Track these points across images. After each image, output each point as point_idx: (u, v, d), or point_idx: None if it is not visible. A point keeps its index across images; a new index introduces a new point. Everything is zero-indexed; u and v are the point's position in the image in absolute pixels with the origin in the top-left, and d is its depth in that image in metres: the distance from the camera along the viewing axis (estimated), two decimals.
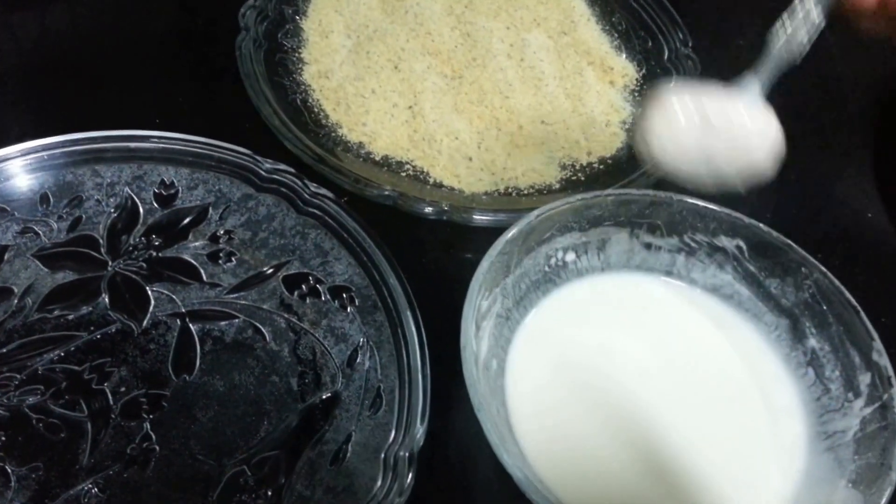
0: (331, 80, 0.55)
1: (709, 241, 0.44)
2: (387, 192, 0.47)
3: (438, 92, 0.55)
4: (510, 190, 0.51)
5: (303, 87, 0.55)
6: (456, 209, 0.48)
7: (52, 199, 0.47)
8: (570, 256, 0.44)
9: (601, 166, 0.54)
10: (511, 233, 0.40)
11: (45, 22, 0.60)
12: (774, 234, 0.42)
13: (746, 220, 0.43)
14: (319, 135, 0.52)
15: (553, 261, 0.44)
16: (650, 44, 0.61)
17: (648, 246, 0.45)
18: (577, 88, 0.58)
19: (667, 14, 0.62)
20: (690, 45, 0.60)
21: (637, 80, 0.60)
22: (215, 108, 0.54)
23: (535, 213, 0.41)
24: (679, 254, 0.45)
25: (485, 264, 0.38)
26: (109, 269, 0.45)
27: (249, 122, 0.52)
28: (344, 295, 0.45)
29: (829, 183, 0.58)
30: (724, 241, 0.43)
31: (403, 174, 0.51)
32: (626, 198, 0.43)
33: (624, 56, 0.61)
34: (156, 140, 0.49)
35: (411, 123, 0.53)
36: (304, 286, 0.45)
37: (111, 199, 0.48)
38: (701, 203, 0.43)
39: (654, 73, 0.60)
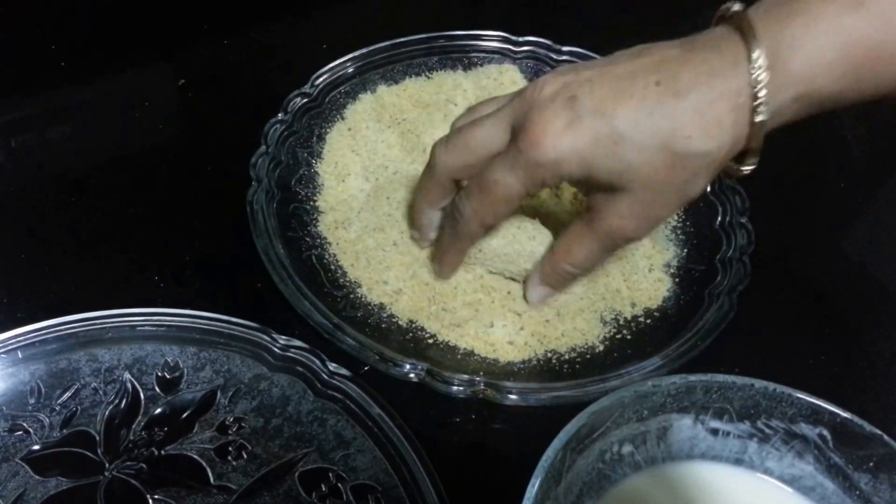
0: (348, 232, 0.51)
1: (786, 427, 0.38)
2: (412, 375, 0.43)
3: None
4: (549, 354, 0.46)
5: (318, 240, 0.51)
6: (491, 386, 0.43)
7: (43, 391, 0.42)
8: (627, 448, 0.39)
9: (647, 320, 0.49)
10: (561, 439, 0.35)
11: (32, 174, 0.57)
12: (862, 422, 0.37)
13: (830, 406, 0.37)
14: (337, 298, 0.48)
15: (608, 455, 0.38)
16: None
17: (715, 432, 0.39)
18: None
19: None
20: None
21: (679, 215, 0.55)
22: (224, 272, 0.50)
23: (588, 411, 0.36)
24: (751, 440, 0.39)
25: (535, 484, 0.33)
26: (106, 473, 0.40)
27: (261, 282, 0.48)
28: (369, 496, 0.40)
29: None
30: (805, 429, 0.38)
31: (430, 340, 0.46)
32: (690, 384, 0.38)
33: None
34: (159, 317, 0.44)
35: (438, 282, 0.49)
36: (323, 485, 0.40)
37: (109, 387, 0.43)
38: (777, 387, 0.38)
39: (696, 206, 0.55)
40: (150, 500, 0.39)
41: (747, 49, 0.37)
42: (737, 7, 0.39)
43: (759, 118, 0.38)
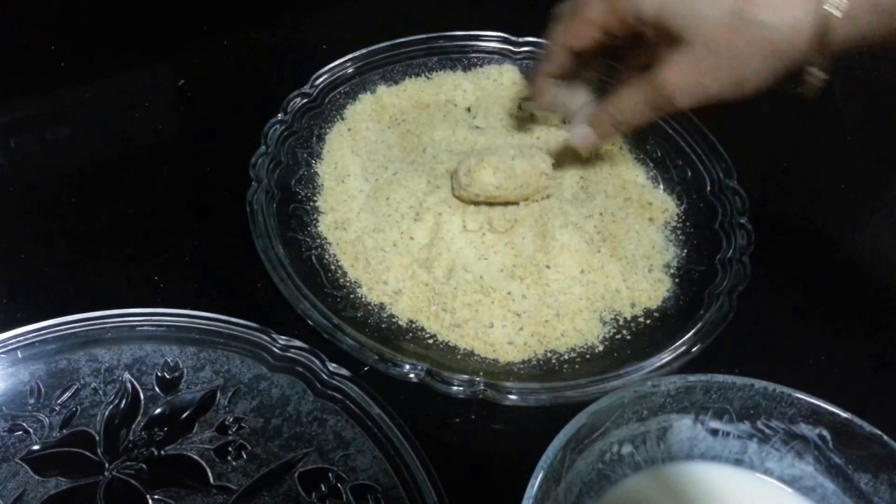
0: (348, 232, 0.51)
1: (786, 427, 0.38)
2: (412, 376, 0.43)
3: (466, 244, 0.50)
4: (549, 354, 0.46)
5: (318, 240, 0.51)
6: (490, 386, 0.43)
7: (43, 391, 0.42)
8: (627, 449, 0.39)
9: (647, 321, 0.49)
10: (560, 439, 0.35)
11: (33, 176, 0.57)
12: (862, 423, 0.37)
13: (830, 406, 0.37)
14: (337, 298, 0.48)
15: (608, 456, 0.38)
16: (689, 174, 0.57)
17: (715, 432, 0.39)
18: (613, 227, 0.53)
19: (705, 141, 0.58)
20: (735, 176, 0.55)
21: (678, 215, 0.55)
22: (223, 272, 0.50)
23: (588, 411, 0.36)
24: (751, 440, 0.39)
25: (534, 484, 0.33)
26: (106, 473, 0.40)
27: (261, 282, 0.48)
28: (368, 496, 0.40)
29: None
30: (805, 429, 0.38)
31: (430, 340, 0.46)
32: (689, 384, 0.38)
33: (662, 188, 0.57)
34: (158, 318, 0.44)
35: (437, 282, 0.48)
36: (323, 485, 0.40)
37: (109, 387, 0.43)
38: (777, 388, 0.38)
39: (696, 207, 0.55)
40: (150, 500, 0.39)
41: None
42: None
43: (829, 8, 0.40)
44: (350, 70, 0.61)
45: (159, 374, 0.44)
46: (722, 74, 0.44)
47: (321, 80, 0.59)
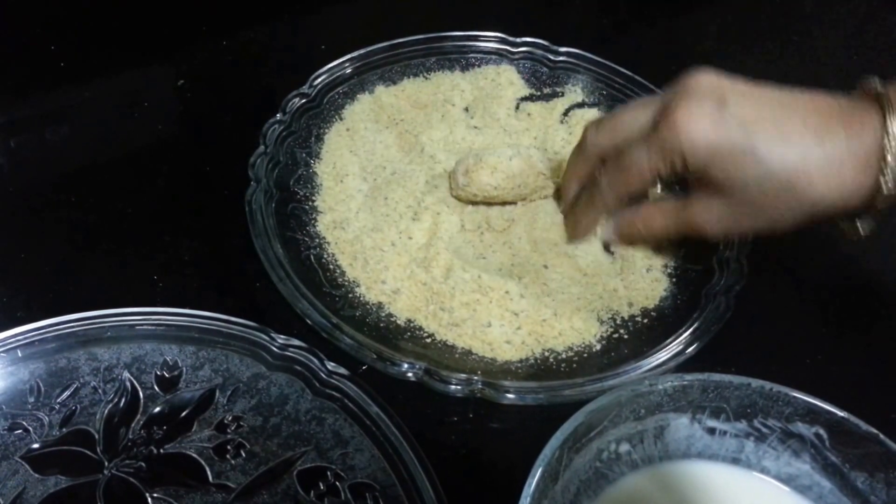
0: (346, 232, 0.51)
1: (782, 426, 0.38)
2: (410, 375, 0.43)
3: (464, 244, 0.51)
4: (546, 353, 0.46)
5: (317, 240, 0.51)
6: (488, 385, 0.43)
7: (43, 390, 0.42)
8: (625, 447, 0.39)
9: (645, 320, 0.49)
10: (558, 438, 0.35)
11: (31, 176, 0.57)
12: (858, 421, 0.37)
13: (826, 405, 0.37)
14: (335, 297, 0.48)
15: (605, 455, 0.38)
16: None
17: (712, 431, 0.39)
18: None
19: None
20: None
21: None
22: (222, 272, 0.50)
23: (585, 410, 0.36)
24: (747, 439, 0.39)
25: (532, 483, 0.33)
26: (106, 472, 0.40)
27: (260, 281, 0.48)
28: (367, 494, 0.40)
29: None
30: (801, 428, 0.38)
31: (428, 339, 0.47)
32: (687, 383, 0.38)
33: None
34: (157, 317, 0.45)
35: (436, 281, 0.49)
36: (321, 484, 0.40)
37: (108, 385, 0.43)
38: (774, 387, 0.38)
39: None
40: (149, 499, 0.39)
41: (884, 119, 0.40)
42: (877, 85, 0.42)
43: (884, 183, 0.40)
44: (348, 70, 0.61)
45: (158, 372, 0.44)
46: (759, 224, 0.44)
47: (320, 80, 0.59)
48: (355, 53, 0.61)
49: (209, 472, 0.40)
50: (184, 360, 0.44)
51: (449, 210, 0.52)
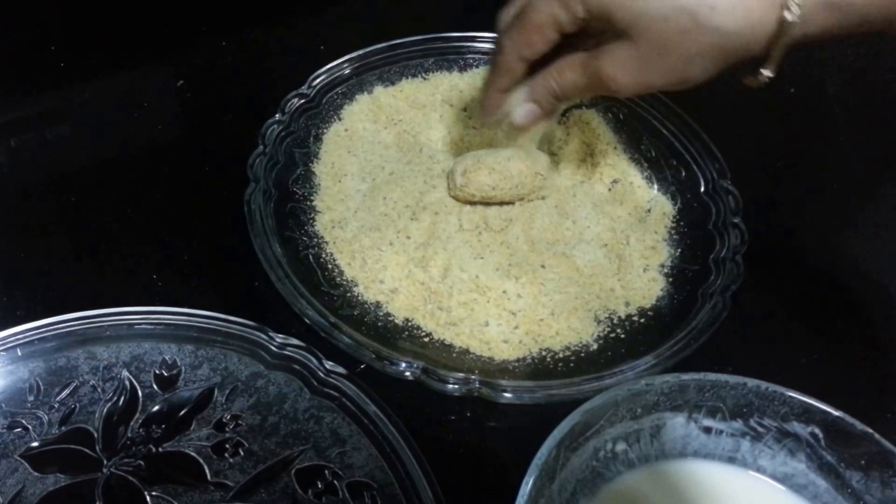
0: (345, 231, 0.52)
1: (778, 425, 0.39)
2: (407, 374, 0.43)
3: (462, 244, 0.51)
4: (543, 353, 0.47)
5: (315, 239, 0.51)
6: (485, 384, 0.43)
7: (42, 388, 0.43)
8: (621, 446, 0.39)
9: (641, 320, 0.49)
10: (555, 437, 0.35)
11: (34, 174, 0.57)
12: (853, 421, 0.37)
13: (822, 405, 0.37)
14: (334, 296, 0.48)
15: (602, 453, 0.38)
16: (683, 174, 0.58)
17: (708, 430, 0.40)
18: (608, 227, 0.53)
19: (699, 141, 0.58)
20: (729, 176, 0.56)
21: (673, 216, 0.55)
22: (221, 271, 0.50)
23: (582, 409, 0.36)
24: (743, 438, 0.40)
25: (529, 482, 0.33)
26: (105, 470, 0.40)
27: (258, 280, 0.49)
28: (365, 493, 0.40)
29: None
30: (797, 428, 0.38)
31: (426, 339, 0.47)
32: (683, 382, 0.38)
33: (656, 188, 0.57)
34: (157, 316, 0.45)
35: (433, 281, 0.49)
36: (319, 482, 0.41)
37: (107, 384, 0.43)
38: (770, 386, 0.38)
39: (690, 207, 0.56)
40: (148, 497, 0.39)
41: None
42: None
43: (788, 16, 0.39)
44: (347, 71, 0.61)
45: (157, 371, 0.44)
46: (667, 72, 0.42)
47: (318, 80, 0.59)
48: (354, 54, 0.62)
49: (208, 471, 0.41)
50: (182, 359, 0.44)
51: (447, 210, 0.52)
